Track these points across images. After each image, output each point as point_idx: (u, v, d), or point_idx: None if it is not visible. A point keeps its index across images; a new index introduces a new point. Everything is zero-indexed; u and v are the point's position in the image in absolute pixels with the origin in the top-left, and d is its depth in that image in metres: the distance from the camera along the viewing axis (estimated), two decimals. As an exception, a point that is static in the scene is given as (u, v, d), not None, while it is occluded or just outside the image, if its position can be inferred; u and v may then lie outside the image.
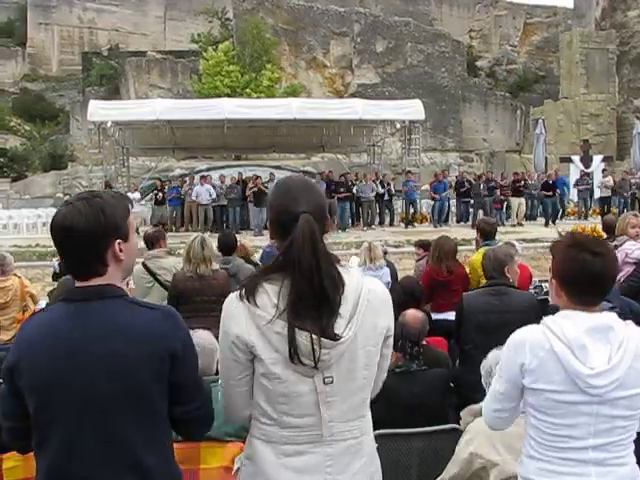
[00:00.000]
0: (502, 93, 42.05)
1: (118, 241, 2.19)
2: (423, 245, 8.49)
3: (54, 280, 9.48)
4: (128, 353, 2.10)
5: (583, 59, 34.06)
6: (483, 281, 5.71)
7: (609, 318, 2.39)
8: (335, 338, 2.11)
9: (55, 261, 9.90)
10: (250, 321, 2.15)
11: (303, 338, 2.09)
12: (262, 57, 34.86)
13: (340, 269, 2.20)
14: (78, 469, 2.12)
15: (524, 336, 2.44)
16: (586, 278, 2.38)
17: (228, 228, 20.14)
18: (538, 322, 2.46)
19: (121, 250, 2.20)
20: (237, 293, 2.21)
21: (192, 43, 42.07)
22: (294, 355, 2.10)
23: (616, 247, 6.25)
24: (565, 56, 35.49)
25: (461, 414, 3.66)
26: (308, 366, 2.11)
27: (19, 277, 7.90)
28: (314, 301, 2.11)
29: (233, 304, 2.22)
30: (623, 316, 2.51)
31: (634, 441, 2.44)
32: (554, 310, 2.52)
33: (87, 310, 2.14)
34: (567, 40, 35.41)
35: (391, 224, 22.79)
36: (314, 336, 2.09)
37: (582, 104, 34.16)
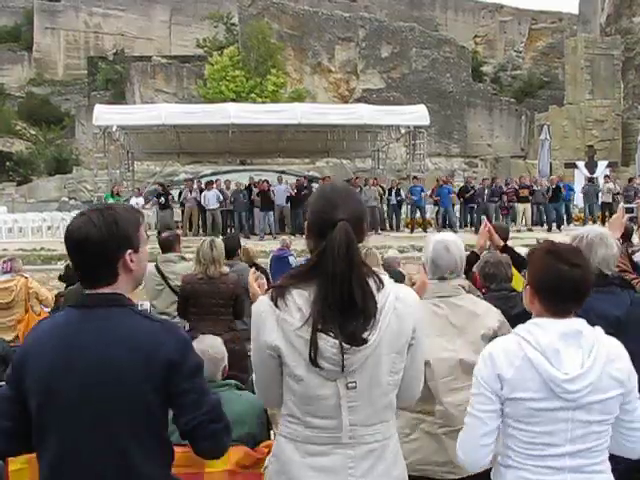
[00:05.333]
0: (507, 99, 42.06)
1: (129, 252, 2.25)
2: None
3: (60, 280, 9.53)
4: (127, 361, 2.15)
5: (588, 65, 34.03)
6: None
7: (578, 323, 2.42)
8: (361, 343, 2.14)
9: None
10: (277, 326, 2.19)
11: (326, 343, 2.13)
12: (267, 62, 34.95)
13: (378, 278, 2.24)
14: (73, 473, 2.16)
15: (498, 347, 2.45)
16: (563, 288, 2.41)
17: (232, 232, 20.19)
18: None
19: (132, 261, 2.26)
20: (267, 297, 2.25)
21: (197, 48, 42.24)
22: (314, 359, 2.13)
23: (633, 253, 6.20)
24: (570, 62, 35.46)
25: None
26: (330, 370, 2.14)
27: (26, 277, 7.92)
28: (342, 309, 2.14)
29: (262, 308, 2.26)
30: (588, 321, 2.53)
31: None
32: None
33: (92, 317, 2.20)
34: (572, 46, 35.40)
35: (397, 229, 22.78)
36: (336, 341, 2.12)
37: (587, 110, 34.13)
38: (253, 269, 2.78)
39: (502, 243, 4.92)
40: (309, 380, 2.18)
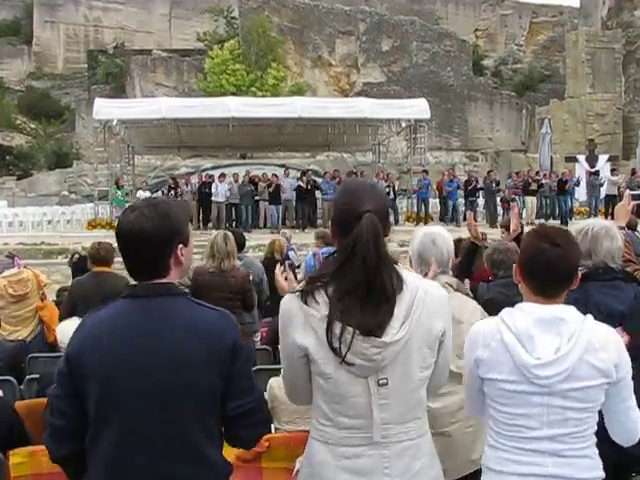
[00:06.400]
0: (508, 92, 42.01)
1: (180, 245, 2.26)
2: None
3: (70, 265, 9.54)
4: (191, 348, 2.17)
5: (589, 58, 33.96)
6: None
7: (561, 310, 2.41)
8: (379, 337, 2.11)
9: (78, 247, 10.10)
10: (305, 321, 2.18)
11: (344, 332, 2.11)
12: (267, 56, 34.88)
13: (399, 270, 2.22)
14: (139, 459, 2.16)
15: (479, 328, 2.50)
16: (541, 266, 2.42)
17: (238, 226, 20.21)
18: None
19: (182, 254, 2.28)
20: (296, 294, 2.23)
21: (198, 41, 42.12)
22: (331, 342, 2.11)
23: None
24: (571, 55, 35.40)
25: None
26: (360, 366, 2.12)
27: (30, 269, 7.99)
28: (366, 299, 2.12)
29: (290, 305, 2.24)
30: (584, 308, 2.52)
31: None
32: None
33: (152, 306, 2.22)
34: (573, 39, 35.32)
35: (396, 223, 22.78)
36: (369, 337, 2.11)
37: (588, 103, 34.08)
38: (279, 266, 2.74)
39: (519, 230, 4.90)
40: (338, 377, 2.15)
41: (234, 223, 21.58)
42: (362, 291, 2.12)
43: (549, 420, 2.36)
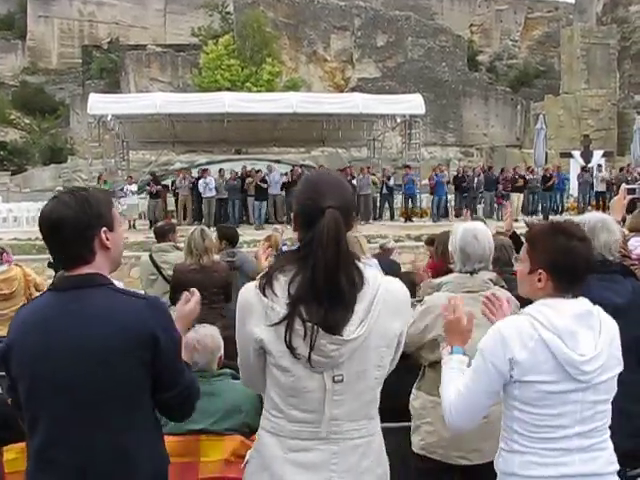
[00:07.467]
0: (503, 88, 42.03)
1: (104, 229, 2.26)
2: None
3: (49, 266, 9.52)
4: (111, 340, 2.15)
5: (584, 54, 34.01)
6: None
7: (587, 304, 2.41)
8: (339, 334, 2.09)
9: None
10: (262, 313, 2.15)
11: (303, 329, 2.09)
12: (262, 51, 34.83)
13: (360, 267, 2.18)
14: (64, 456, 2.16)
15: (511, 328, 2.38)
16: (579, 265, 2.41)
17: (228, 221, 20.18)
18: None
19: (108, 239, 2.27)
20: (254, 284, 2.20)
21: (192, 37, 42.05)
22: (290, 344, 2.10)
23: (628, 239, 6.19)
24: (566, 51, 35.43)
25: (421, 285, 3.78)
26: (317, 361, 2.10)
27: (20, 267, 7.95)
28: (327, 297, 2.10)
29: (248, 295, 2.21)
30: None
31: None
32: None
33: (72, 298, 2.21)
34: (568, 35, 35.35)
35: (392, 217, 22.82)
36: (317, 328, 2.08)
37: (583, 99, 34.13)
38: (262, 242, 2.75)
39: (511, 230, 4.99)
40: (295, 371, 2.13)
41: (222, 219, 21.54)
42: (322, 288, 2.09)
43: (582, 417, 2.35)
